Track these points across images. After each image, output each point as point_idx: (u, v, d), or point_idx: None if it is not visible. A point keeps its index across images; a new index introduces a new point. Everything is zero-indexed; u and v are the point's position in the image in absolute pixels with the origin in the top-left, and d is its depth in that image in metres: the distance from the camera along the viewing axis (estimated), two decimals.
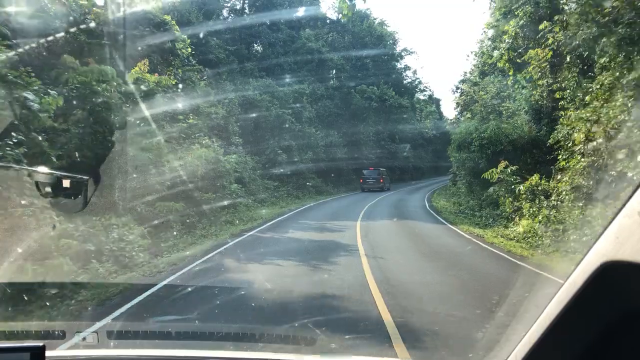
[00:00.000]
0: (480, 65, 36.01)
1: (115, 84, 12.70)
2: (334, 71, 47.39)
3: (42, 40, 10.89)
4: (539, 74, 20.15)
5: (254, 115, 29.43)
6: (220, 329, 4.96)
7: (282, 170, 29.33)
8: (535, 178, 15.24)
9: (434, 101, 70.03)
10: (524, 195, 15.16)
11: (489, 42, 33.92)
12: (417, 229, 16.36)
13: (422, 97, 66.15)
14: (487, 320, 5.74)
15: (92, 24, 13.33)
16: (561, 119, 15.64)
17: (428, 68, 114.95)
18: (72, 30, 11.89)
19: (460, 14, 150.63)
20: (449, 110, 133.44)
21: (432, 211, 23.03)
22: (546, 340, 1.26)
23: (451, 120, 42.76)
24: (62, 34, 11.41)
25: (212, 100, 24.08)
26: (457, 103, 37.15)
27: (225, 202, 17.54)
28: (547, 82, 20.55)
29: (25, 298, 6.23)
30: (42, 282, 6.82)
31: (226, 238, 13.25)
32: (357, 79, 47.08)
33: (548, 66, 19.69)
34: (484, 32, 34.62)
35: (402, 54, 58.99)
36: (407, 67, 60.49)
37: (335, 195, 33.97)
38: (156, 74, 13.63)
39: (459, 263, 10.00)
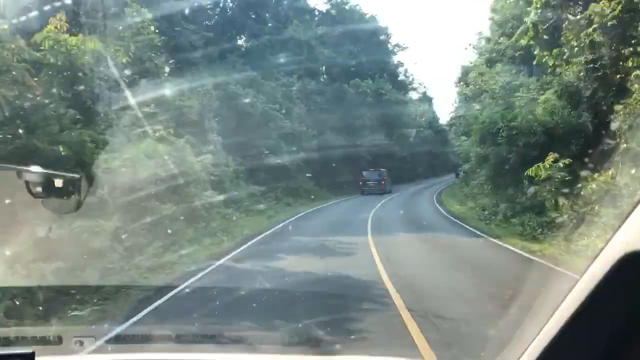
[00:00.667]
0: (488, 52, 33.37)
1: (13, 46, 8.61)
2: (324, 67, 44.23)
3: None
4: (580, 45, 16.78)
5: (236, 111, 25.56)
6: None
7: (269, 173, 25.39)
8: (609, 175, 11.36)
9: (427, 100, 67.60)
10: (594, 198, 11.26)
11: (496, 29, 31.64)
12: (454, 248, 12.34)
13: (415, 97, 63.78)
14: None
15: None
16: (635, 95, 12.09)
17: (420, 67, 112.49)
18: None
19: (452, 9, 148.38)
20: (443, 109, 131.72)
21: (452, 217, 19.15)
22: (562, 337, 1.11)
23: (456, 113, 39.22)
24: None
25: (183, 90, 20.10)
26: (465, 94, 33.71)
27: (194, 215, 13.42)
28: (585, 58, 17.11)
29: None
30: None
31: (181, 273, 8.81)
32: (350, 73, 44.02)
33: (587, 40, 16.36)
34: (494, 13, 31.69)
35: (395, 50, 56.82)
36: (400, 64, 58.15)
37: (332, 199, 29.90)
38: (81, 35, 9.45)
39: None
